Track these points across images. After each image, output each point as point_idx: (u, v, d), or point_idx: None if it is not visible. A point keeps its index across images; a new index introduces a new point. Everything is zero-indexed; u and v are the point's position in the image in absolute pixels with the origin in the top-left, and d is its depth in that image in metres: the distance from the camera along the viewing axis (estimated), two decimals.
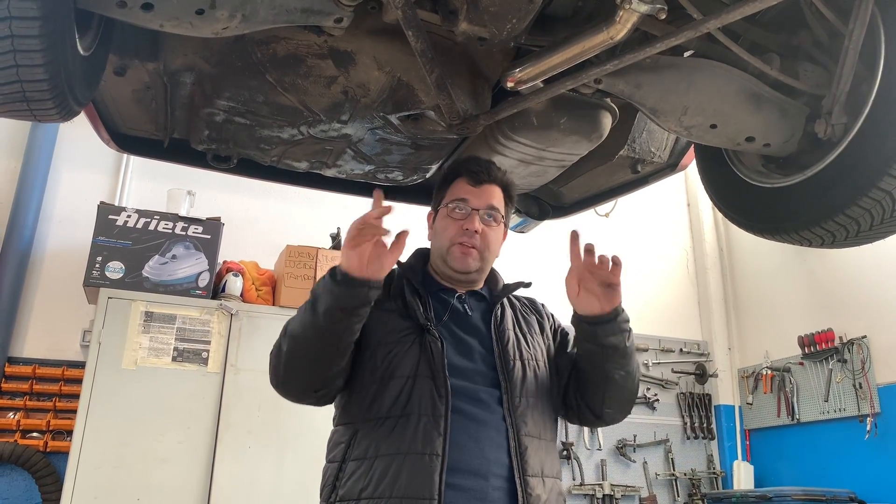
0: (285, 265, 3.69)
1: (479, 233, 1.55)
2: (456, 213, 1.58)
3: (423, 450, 1.33)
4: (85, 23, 1.37)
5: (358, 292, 1.32)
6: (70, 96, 1.30)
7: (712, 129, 1.75)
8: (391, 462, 1.34)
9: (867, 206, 1.54)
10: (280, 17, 1.44)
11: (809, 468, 4.58)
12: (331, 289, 1.32)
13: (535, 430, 1.46)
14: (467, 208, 1.57)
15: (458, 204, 1.58)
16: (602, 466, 4.73)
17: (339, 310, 1.32)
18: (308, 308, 1.37)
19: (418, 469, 1.32)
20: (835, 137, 1.64)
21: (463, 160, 1.70)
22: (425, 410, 1.38)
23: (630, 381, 1.55)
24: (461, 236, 1.55)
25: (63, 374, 3.65)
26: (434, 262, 1.63)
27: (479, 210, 1.56)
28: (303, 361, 1.42)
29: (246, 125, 1.99)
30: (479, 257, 1.57)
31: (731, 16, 1.43)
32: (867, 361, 4.30)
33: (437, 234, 1.62)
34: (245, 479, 3.26)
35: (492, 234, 1.59)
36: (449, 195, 1.61)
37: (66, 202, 4.02)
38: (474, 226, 1.54)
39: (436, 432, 1.35)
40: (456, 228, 1.56)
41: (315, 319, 1.34)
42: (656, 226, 5.58)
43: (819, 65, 1.73)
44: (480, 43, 1.61)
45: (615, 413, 1.60)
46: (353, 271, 1.31)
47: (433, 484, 1.30)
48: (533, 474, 1.40)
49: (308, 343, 1.38)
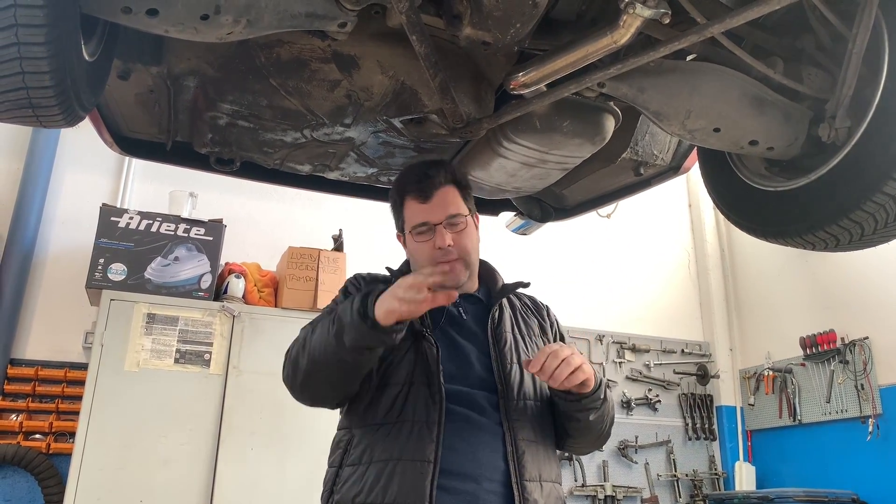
0: (287, 267, 3.69)
1: (451, 245, 1.51)
2: (421, 237, 1.53)
3: (415, 456, 1.34)
4: (90, 28, 1.37)
5: (387, 338, 1.32)
6: (76, 102, 1.30)
7: (716, 133, 1.75)
8: (384, 468, 1.35)
9: (871, 209, 1.54)
10: (284, 22, 1.44)
11: (811, 469, 4.58)
12: (359, 327, 1.30)
13: (533, 435, 1.46)
14: (430, 227, 1.52)
15: (419, 228, 1.53)
16: (604, 467, 4.73)
17: (365, 348, 1.34)
18: (332, 336, 1.35)
19: (410, 476, 1.32)
20: (838, 141, 1.63)
21: (403, 177, 1.64)
22: (419, 417, 1.38)
23: (593, 439, 1.57)
24: (438, 256, 1.50)
25: (66, 375, 3.66)
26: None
27: (440, 223, 1.52)
28: (323, 383, 1.44)
29: (249, 128, 1.99)
30: (464, 265, 1.55)
31: (734, 20, 1.43)
32: (869, 362, 4.30)
33: (416, 260, 1.58)
34: (247, 481, 3.26)
35: (464, 237, 1.55)
36: (407, 219, 1.57)
37: (68, 204, 4.02)
38: (444, 242, 1.50)
39: (428, 439, 1.36)
40: (428, 249, 1.52)
41: (339, 351, 1.34)
42: (658, 227, 5.58)
43: (823, 69, 1.72)
44: (484, 47, 1.61)
45: (581, 449, 1.64)
46: (387, 322, 1.29)
47: (424, 490, 1.31)
48: (530, 479, 1.40)
49: (329, 369, 1.39)
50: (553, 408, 1.56)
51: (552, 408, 1.55)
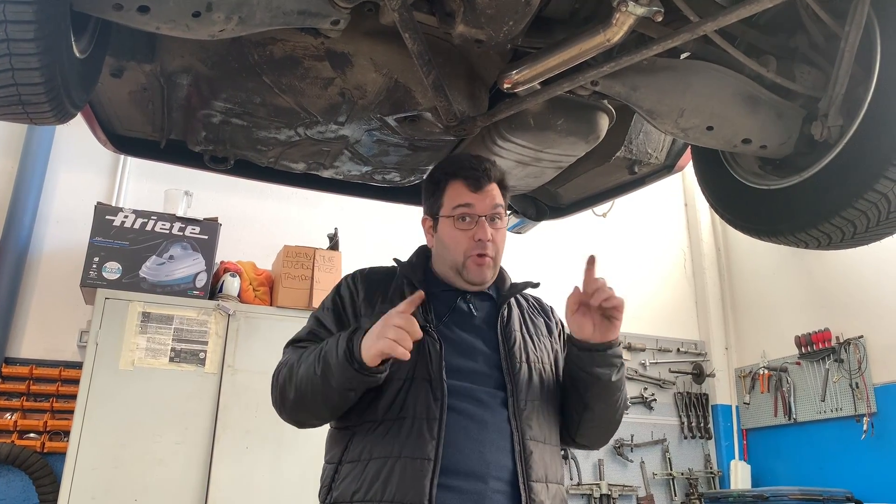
0: (283, 265, 3.69)
1: (491, 241, 1.50)
2: (462, 224, 1.51)
3: (414, 454, 1.32)
4: (81, 25, 1.37)
5: (372, 380, 1.34)
6: (66, 99, 1.29)
7: (709, 132, 1.75)
8: (383, 465, 1.33)
9: (863, 208, 1.54)
10: (277, 20, 1.44)
11: (806, 468, 4.59)
12: (345, 370, 1.32)
13: (541, 435, 1.44)
14: (474, 216, 1.50)
15: (463, 210, 1.51)
16: (599, 466, 4.74)
17: (349, 390, 1.36)
18: (319, 374, 1.37)
19: (409, 473, 1.31)
20: (831, 140, 1.64)
21: (455, 162, 1.62)
22: (420, 414, 1.36)
23: (610, 414, 1.53)
24: (475, 248, 1.50)
25: (60, 374, 3.65)
26: (440, 269, 1.58)
27: (485, 215, 1.50)
28: (311, 414, 1.47)
29: (243, 126, 1.99)
30: (493, 265, 1.53)
31: (727, 18, 1.44)
32: (864, 361, 4.31)
33: (447, 246, 1.54)
34: (243, 480, 3.26)
35: (499, 236, 1.54)
36: (448, 201, 1.53)
37: (63, 203, 4.01)
38: (487, 235, 1.49)
39: (429, 435, 1.34)
40: (467, 241, 1.50)
41: (326, 390, 1.37)
42: (654, 226, 5.58)
43: (815, 67, 1.73)
44: (477, 45, 1.60)
45: (589, 442, 1.61)
46: (372, 364, 1.31)
47: (423, 488, 1.29)
48: (537, 479, 1.38)
49: (316, 403, 1.42)
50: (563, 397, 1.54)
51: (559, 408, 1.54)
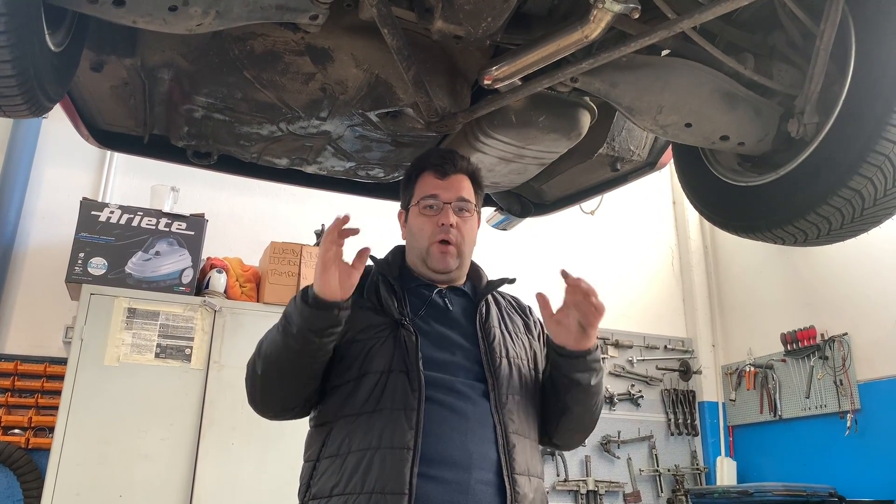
0: (270, 262, 3.69)
1: (454, 226, 1.53)
2: (428, 211, 1.56)
3: (393, 444, 1.32)
4: (57, 18, 1.37)
5: (328, 315, 1.33)
6: (40, 92, 1.29)
7: (687, 128, 1.77)
8: (362, 458, 1.33)
9: (838, 204, 1.56)
10: (254, 14, 1.44)
11: (791, 464, 4.63)
12: (301, 311, 1.33)
13: (522, 429, 1.45)
14: (439, 203, 1.55)
15: (429, 200, 1.56)
16: (586, 462, 4.76)
17: (310, 332, 1.34)
18: (281, 330, 1.38)
19: (389, 463, 1.30)
20: (807, 137, 1.65)
21: (425, 154, 1.67)
22: (397, 404, 1.36)
23: (587, 417, 1.55)
24: (438, 234, 1.53)
25: (45, 370, 3.63)
26: (412, 261, 1.61)
27: (450, 203, 1.55)
28: (278, 382, 1.44)
29: (225, 121, 1.98)
30: (457, 253, 1.55)
31: (704, 15, 1.45)
32: (848, 358, 4.34)
33: (413, 234, 1.59)
34: (228, 476, 3.25)
35: (466, 226, 1.57)
36: (417, 192, 1.59)
37: (48, 198, 3.99)
38: (448, 219, 1.53)
39: (407, 425, 1.33)
40: (431, 226, 1.54)
41: (288, 341, 1.36)
42: (641, 223, 5.60)
43: (792, 65, 1.74)
44: (456, 41, 1.61)
45: (565, 443, 1.63)
46: (324, 295, 1.32)
47: (404, 478, 1.28)
48: (521, 472, 1.38)
49: (282, 364, 1.40)
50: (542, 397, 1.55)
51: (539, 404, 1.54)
